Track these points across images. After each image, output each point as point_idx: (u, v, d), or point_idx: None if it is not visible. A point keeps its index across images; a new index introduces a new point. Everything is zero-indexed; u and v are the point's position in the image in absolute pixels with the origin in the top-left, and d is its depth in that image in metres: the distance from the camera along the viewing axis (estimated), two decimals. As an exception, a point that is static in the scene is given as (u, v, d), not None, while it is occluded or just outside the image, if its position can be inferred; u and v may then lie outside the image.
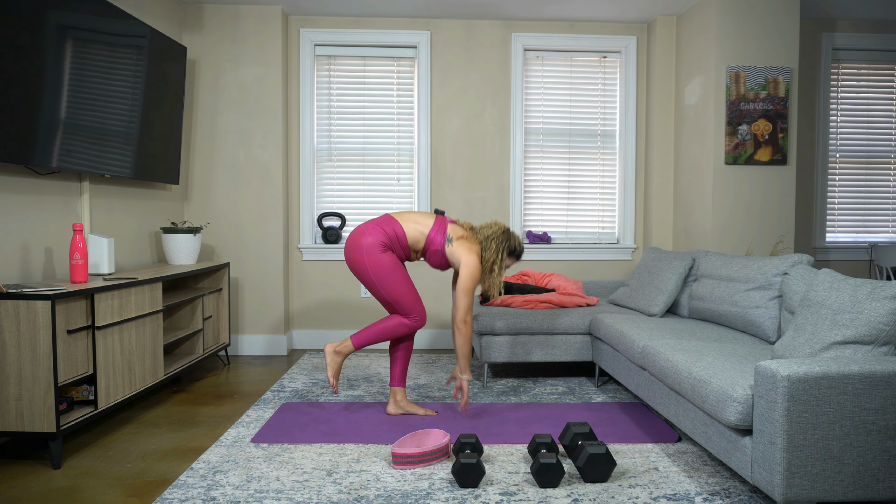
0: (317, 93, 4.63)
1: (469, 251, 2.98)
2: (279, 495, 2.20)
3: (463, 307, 2.93)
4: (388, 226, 2.97)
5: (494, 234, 3.07)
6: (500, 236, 3.08)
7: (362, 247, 2.92)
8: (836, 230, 4.83)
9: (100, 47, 3.12)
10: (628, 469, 2.44)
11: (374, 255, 2.91)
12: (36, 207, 2.92)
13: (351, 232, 3.01)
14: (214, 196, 4.44)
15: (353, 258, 2.95)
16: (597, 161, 4.77)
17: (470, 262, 2.95)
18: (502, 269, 3.07)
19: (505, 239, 3.09)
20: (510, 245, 3.10)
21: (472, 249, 3.00)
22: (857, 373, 1.88)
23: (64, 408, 2.59)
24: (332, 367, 3.02)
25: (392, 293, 2.93)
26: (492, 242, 3.05)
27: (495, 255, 3.04)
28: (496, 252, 3.04)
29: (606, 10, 4.40)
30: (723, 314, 3.16)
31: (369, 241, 2.92)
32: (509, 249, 3.10)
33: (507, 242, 3.09)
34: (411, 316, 2.98)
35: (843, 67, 4.78)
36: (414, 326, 2.99)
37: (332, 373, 3.02)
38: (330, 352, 3.03)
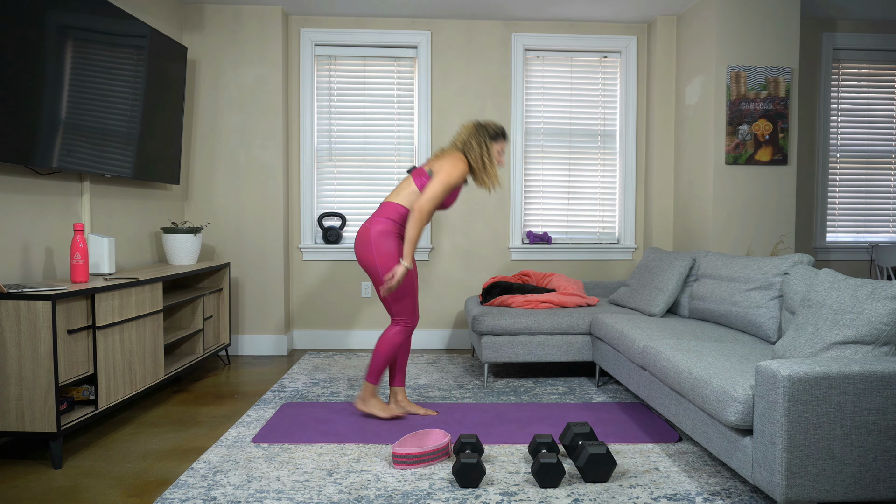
0: (317, 93, 4.63)
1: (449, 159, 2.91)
2: (279, 495, 2.20)
3: (425, 198, 2.83)
4: (390, 211, 2.93)
5: (468, 133, 3.01)
6: (475, 131, 3.00)
7: (370, 239, 2.89)
8: (837, 230, 4.83)
9: (100, 47, 3.12)
10: (629, 469, 2.43)
11: (383, 248, 2.87)
12: (36, 207, 2.92)
13: (358, 229, 2.99)
14: (215, 196, 4.44)
15: (361, 253, 2.92)
16: (597, 161, 4.77)
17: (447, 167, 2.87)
18: (492, 157, 2.99)
19: (480, 129, 3.01)
20: (488, 131, 3.02)
21: (454, 157, 2.92)
22: (857, 373, 1.88)
23: (64, 408, 2.59)
24: (378, 410, 2.98)
25: (400, 292, 2.92)
26: (471, 141, 2.99)
27: (479, 148, 2.97)
28: (479, 145, 2.98)
29: (607, 10, 4.40)
30: (723, 314, 3.16)
31: (376, 229, 2.89)
32: (490, 135, 3.01)
33: (484, 130, 3.01)
34: (402, 320, 2.96)
35: (843, 67, 4.78)
36: (405, 331, 2.97)
37: (385, 414, 2.97)
38: (360, 405, 3.00)
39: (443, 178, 2.87)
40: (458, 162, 2.92)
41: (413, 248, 2.82)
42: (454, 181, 2.89)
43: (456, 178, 2.89)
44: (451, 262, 4.70)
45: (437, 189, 2.86)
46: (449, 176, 2.88)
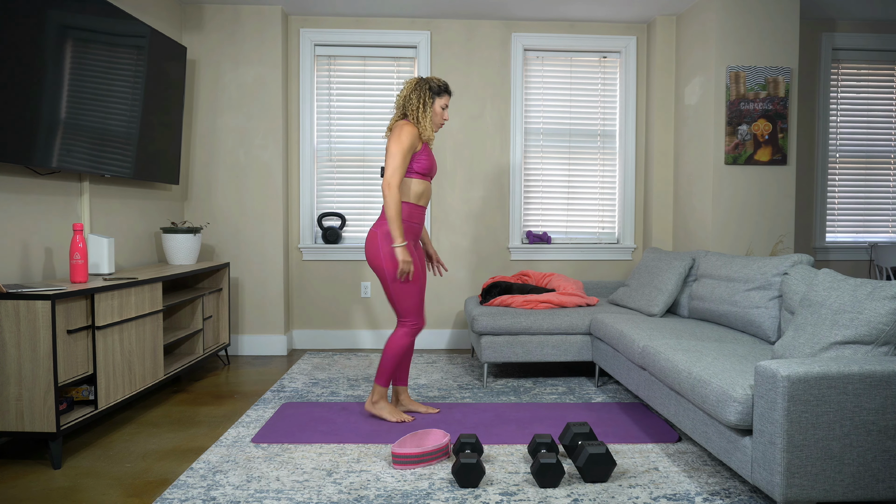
0: (317, 93, 4.63)
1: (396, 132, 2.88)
2: (279, 495, 2.20)
3: (388, 170, 2.83)
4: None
5: (409, 89, 2.97)
6: (416, 87, 2.97)
7: (377, 242, 2.90)
8: (836, 230, 4.83)
9: (100, 47, 3.12)
10: (628, 469, 2.44)
11: (387, 248, 2.88)
12: (36, 207, 2.92)
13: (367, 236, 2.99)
14: (214, 196, 4.44)
15: (371, 255, 2.93)
16: (597, 161, 4.77)
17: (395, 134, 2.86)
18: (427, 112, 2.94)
19: (421, 84, 2.98)
20: (430, 86, 2.98)
21: (399, 125, 2.90)
22: (857, 373, 1.88)
23: (64, 408, 2.59)
24: (387, 414, 2.98)
25: (399, 293, 2.91)
26: (411, 96, 2.95)
27: (417, 101, 2.94)
28: (418, 98, 2.94)
29: (606, 10, 4.40)
30: (723, 314, 3.16)
31: (382, 230, 2.89)
32: (433, 90, 2.98)
33: (426, 85, 2.97)
34: (407, 322, 2.96)
35: (842, 67, 4.78)
36: (411, 333, 2.98)
37: (394, 418, 2.97)
38: (371, 408, 3.00)
39: (392, 148, 2.85)
40: (402, 127, 2.89)
41: (396, 225, 2.80)
42: (405, 146, 2.85)
43: (406, 142, 2.86)
44: (450, 262, 4.70)
45: (393, 160, 2.84)
46: (398, 143, 2.85)
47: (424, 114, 2.95)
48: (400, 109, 3.00)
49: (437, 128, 3.04)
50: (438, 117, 3.01)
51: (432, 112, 2.99)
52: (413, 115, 2.95)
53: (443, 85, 3.01)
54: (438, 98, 2.99)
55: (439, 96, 2.99)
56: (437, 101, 2.99)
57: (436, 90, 2.98)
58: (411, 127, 2.89)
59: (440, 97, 2.99)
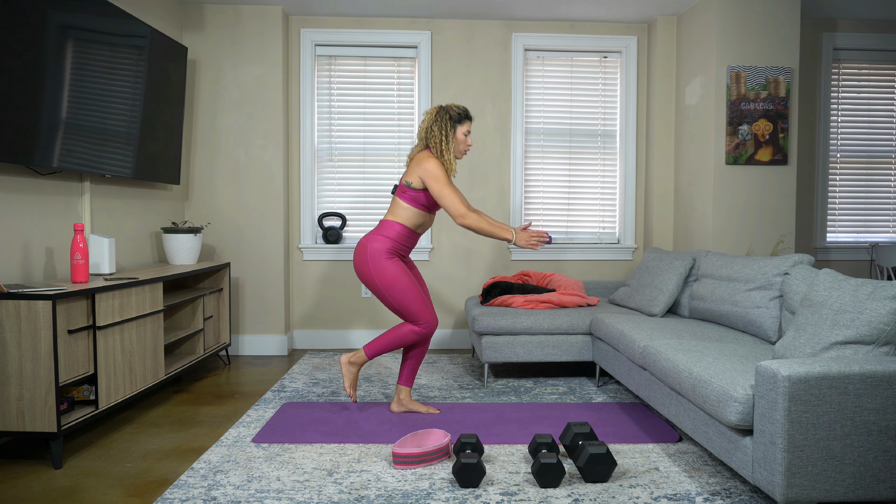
0: (317, 93, 4.63)
1: (418, 163, 2.92)
2: (280, 495, 2.20)
3: (451, 208, 2.88)
4: (386, 229, 2.99)
5: (430, 120, 3.00)
6: (436, 117, 3.00)
7: (367, 255, 2.95)
8: (837, 230, 4.83)
9: (101, 47, 3.12)
10: (629, 469, 2.44)
11: (379, 263, 2.93)
12: (37, 207, 2.92)
13: (357, 244, 3.03)
14: (215, 196, 4.44)
15: (360, 269, 2.98)
16: (597, 161, 4.77)
17: (427, 168, 2.90)
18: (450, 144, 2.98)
19: (441, 114, 3.00)
20: (450, 115, 3.01)
21: (421, 159, 2.93)
22: (857, 373, 1.88)
23: (65, 408, 2.59)
24: (348, 378, 3.05)
25: (399, 300, 2.94)
26: (433, 128, 2.99)
27: (440, 134, 2.97)
28: (440, 130, 2.97)
29: (607, 10, 4.40)
30: (723, 314, 3.16)
31: (372, 247, 2.94)
32: (454, 118, 3.01)
33: (446, 115, 3.00)
34: (420, 323, 2.97)
35: (843, 67, 4.78)
36: (424, 333, 2.98)
37: (348, 383, 3.05)
38: (345, 363, 3.05)
39: (436, 187, 2.90)
40: (428, 162, 2.92)
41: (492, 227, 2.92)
42: (443, 178, 2.90)
43: (442, 175, 2.91)
44: (451, 261, 4.70)
45: (446, 198, 2.90)
46: (437, 181, 2.90)
47: (447, 146, 2.99)
48: (422, 141, 3.04)
49: (461, 155, 3.08)
50: (462, 144, 3.05)
51: (455, 141, 3.02)
52: (437, 149, 2.99)
53: (462, 111, 3.04)
54: (459, 126, 3.03)
55: (460, 123, 3.03)
56: (459, 129, 3.03)
57: (456, 118, 3.02)
58: (435, 160, 2.93)
59: (461, 124, 3.03)
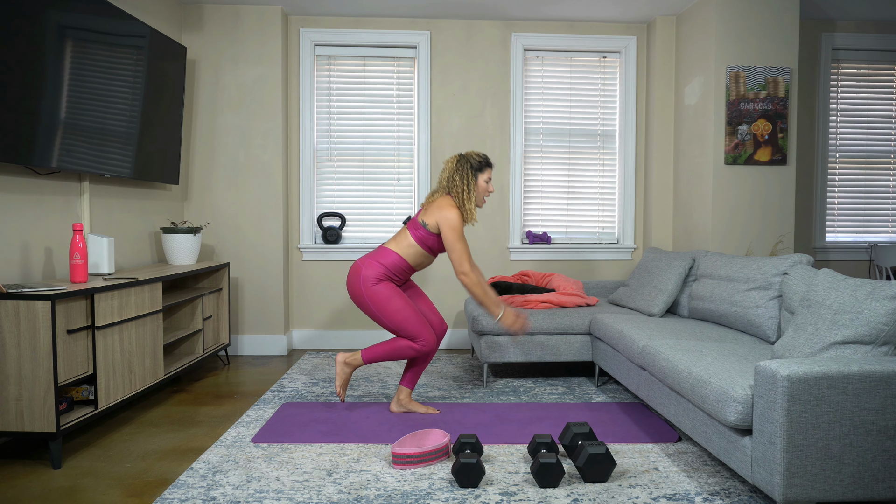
0: (317, 93, 4.63)
1: (441, 209, 2.95)
2: (279, 495, 2.20)
3: (458, 262, 2.93)
4: (384, 257, 3.01)
5: (451, 169, 3.03)
6: (457, 166, 3.03)
7: (360, 279, 2.98)
8: (836, 230, 4.83)
9: (100, 47, 3.12)
10: (628, 469, 2.44)
11: (370, 287, 2.95)
12: (36, 207, 2.92)
13: (351, 266, 3.04)
14: (214, 196, 4.44)
15: (353, 291, 3.01)
16: (597, 161, 4.77)
17: (448, 217, 2.93)
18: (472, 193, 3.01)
19: (462, 163, 3.03)
20: (471, 163, 3.04)
21: (443, 205, 2.97)
22: (856, 373, 1.88)
23: (64, 408, 2.59)
24: (340, 377, 3.07)
25: (394, 321, 2.96)
26: (454, 177, 3.02)
27: (462, 183, 3.00)
28: (462, 180, 3.01)
29: (606, 10, 4.40)
30: (723, 314, 3.17)
31: (365, 273, 2.97)
32: (474, 167, 3.04)
33: (467, 164, 3.03)
34: (418, 340, 2.98)
35: (842, 67, 4.78)
36: (421, 350, 2.99)
37: (339, 382, 3.07)
38: (340, 362, 3.07)
39: (450, 237, 2.94)
40: (449, 207, 2.96)
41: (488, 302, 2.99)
42: (459, 230, 2.95)
43: (459, 227, 2.96)
44: (450, 262, 4.70)
45: (456, 251, 2.94)
46: (453, 232, 2.94)
47: (469, 197, 3.02)
48: (444, 189, 3.06)
49: (482, 203, 3.12)
50: (483, 192, 3.09)
51: (476, 189, 3.06)
52: (459, 198, 3.02)
53: (483, 159, 3.07)
54: (481, 174, 3.06)
55: (481, 171, 3.06)
56: (480, 177, 3.06)
57: (477, 166, 3.05)
58: (456, 210, 2.96)
59: (482, 172, 3.06)
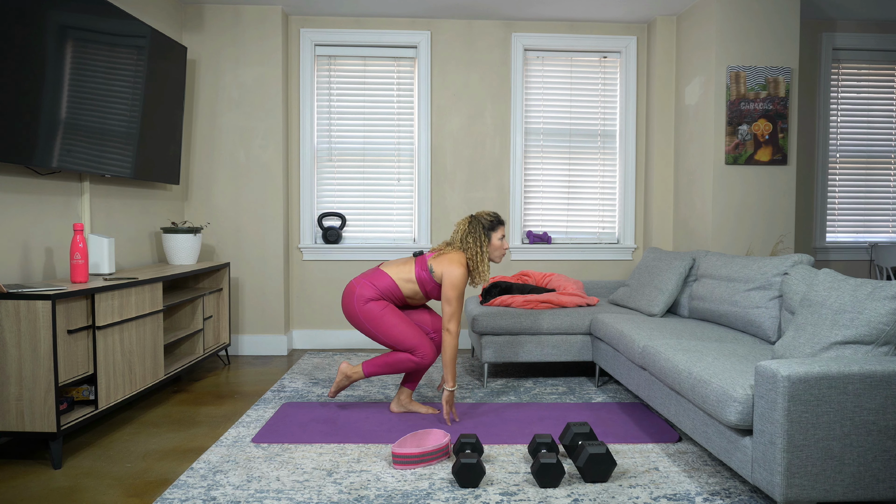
0: (317, 93, 4.63)
1: (451, 263, 2.96)
2: (279, 495, 2.20)
3: (447, 318, 2.92)
4: (379, 280, 3.01)
5: (464, 232, 3.04)
6: (469, 228, 3.04)
7: (353, 299, 2.99)
8: (837, 230, 4.83)
9: (100, 47, 3.12)
10: (628, 469, 2.44)
11: (363, 305, 2.97)
12: (36, 207, 2.92)
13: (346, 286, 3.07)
14: (214, 196, 4.44)
15: (347, 310, 3.03)
16: (597, 161, 4.77)
17: (452, 274, 2.93)
18: (485, 256, 3.02)
19: (475, 225, 3.04)
20: (483, 224, 3.05)
21: (454, 260, 2.97)
22: (857, 373, 1.88)
23: (64, 408, 2.59)
24: (337, 385, 3.11)
25: (389, 336, 2.96)
26: (467, 239, 3.02)
27: (475, 246, 3.01)
28: (475, 242, 3.01)
29: (606, 10, 4.40)
30: (723, 314, 3.16)
31: (359, 292, 2.99)
32: (486, 227, 3.05)
33: (479, 225, 3.04)
34: (416, 353, 2.98)
35: (843, 67, 4.78)
36: (420, 363, 2.99)
37: (335, 389, 3.12)
38: (342, 371, 3.09)
39: (450, 293, 2.93)
40: (459, 265, 2.96)
41: (451, 364, 2.93)
42: (460, 290, 2.95)
43: (461, 287, 2.95)
44: (450, 262, 4.69)
45: (449, 306, 2.93)
46: (454, 289, 2.93)
47: (482, 259, 3.02)
48: (458, 246, 3.05)
49: (499, 259, 3.11)
50: (498, 250, 3.07)
51: (490, 247, 3.05)
52: (472, 260, 3.01)
53: (494, 219, 3.07)
54: (493, 233, 3.06)
55: (493, 231, 3.06)
56: (494, 236, 3.06)
57: (489, 226, 3.05)
58: (463, 270, 2.96)
59: (495, 231, 3.06)
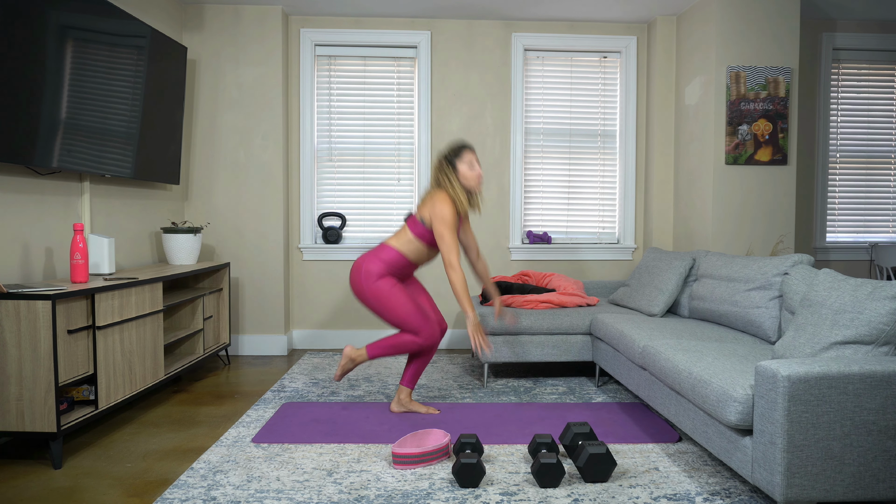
0: (317, 93, 4.63)
1: (433, 203, 2.96)
2: (279, 495, 2.20)
3: (446, 254, 2.92)
4: (384, 253, 3.02)
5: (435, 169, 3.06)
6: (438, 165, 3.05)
7: (360, 276, 3.00)
8: (837, 230, 4.83)
9: (100, 47, 3.12)
10: (629, 469, 2.44)
11: (371, 283, 2.97)
12: (36, 207, 2.92)
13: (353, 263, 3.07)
14: (215, 196, 4.44)
15: (355, 288, 3.04)
16: (597, 161, 4.77)
17: (436, 210, 2.93)
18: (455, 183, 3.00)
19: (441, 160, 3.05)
20: (447, 157, 3.04)
21: (435, 199, 2.97)
22: (857, 373, 1.88)
23: (64, 408, 2.59)
24: (342, 368, 3.12)
25: (395, 315, 2.97)
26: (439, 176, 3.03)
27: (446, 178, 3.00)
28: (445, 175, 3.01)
29: (607, 10, 4.40)
30: (723, 314, 3.16)
31: (366, 268, 2.99)
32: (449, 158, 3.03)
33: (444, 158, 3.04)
34: (420, 334, 2.99)
35: (843, 67, 4.78)
36: (423, 344, 3.00)
37: (340, 372, 3.13)
38: (347, 354, 3.10)
39: (439, 228, 2.93)
40: (441, 201, 2.96)
41: (465, 300, 2.92)
42: (449, 223, 2.93)
43: (449, 219, 2.93)
44: (450, 262, 4.69)
45: (444, 242, 2.93)
46: (442, 223, 2.93)
47: (454, 186, 3.01)
48: (434, 188, 3.07)
49: (477, 187, 3.07)
50: (470, 178, 3.04)
51: (460, 175, 3.03)
52: (451, 194, 3.01)
53: (455, 147, 3.05)
54: (459, 160, 3.03)
55: (458, 158, 3.03)
56: (460, 164, 3.03)
57: (452, 155, 3.04)
58: (448, 203, 2.95)
59: (459, 158, 3.03)
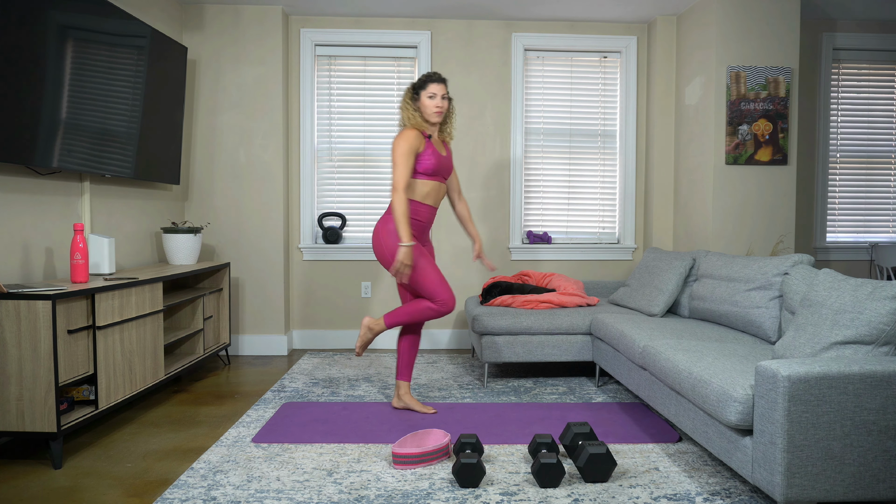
0: (317, 93, 4.63)
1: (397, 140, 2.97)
2: (280, 495, 2.20)
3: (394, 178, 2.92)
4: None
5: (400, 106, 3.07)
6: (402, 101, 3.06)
7: (381, 237, 3.01)
8: (837, 230, 4.83)
9: (100, 47, 3.12)
10: (629, 469, 2.44)
11: (393, 243, 2.97)
12: (36, 207, 2.92)
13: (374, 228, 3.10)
14: (215, 196, 4.44)
15: (377, 251, 3.03)
16: (597, 161, 4.77)
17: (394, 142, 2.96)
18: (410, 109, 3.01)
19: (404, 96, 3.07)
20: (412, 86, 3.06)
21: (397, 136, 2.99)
22: (857, 373, 1.88)
23: (64, 408, 2.59)
24: (362, 339, 3.10)
25: (415, 279, 2.96)
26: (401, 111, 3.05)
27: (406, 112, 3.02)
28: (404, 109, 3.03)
29: (607, 10, 4.40)
30: (723, 314, 3.16)
31: (386, 228, 3.00)
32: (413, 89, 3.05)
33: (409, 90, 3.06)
34: (436, 300, 2.98)
35: (843, 67, 4.78)
36: (440, 310, 2.99)
37: (360, 343, 3.09)
38: (365, 325, 3.09)
39: (393, 154, 2.96)
40: (398, 136, 2.97)
41: (404, 223, 2.87)
42: (402, 149, 2.93)
43: (403, 145, 2.93)
44: (451, 262, 4.70)
45: (397, 164, 2.93)
46: (396, 149, 2.94)
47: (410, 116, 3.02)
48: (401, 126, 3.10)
49: (435, 117, 3.02)
50: (430, 108, 3.01)
51: (420, 105, 3.03)
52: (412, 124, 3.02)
53: (422, 77, 3.05)
54: (423, 91, 3.02)
55: (423, 89, 3.02)
56: (423, 94, 3.02)
57: (417, 86, 3.04)
58: (403, 135, 2.97)
59: (424, 89, 3.02)
